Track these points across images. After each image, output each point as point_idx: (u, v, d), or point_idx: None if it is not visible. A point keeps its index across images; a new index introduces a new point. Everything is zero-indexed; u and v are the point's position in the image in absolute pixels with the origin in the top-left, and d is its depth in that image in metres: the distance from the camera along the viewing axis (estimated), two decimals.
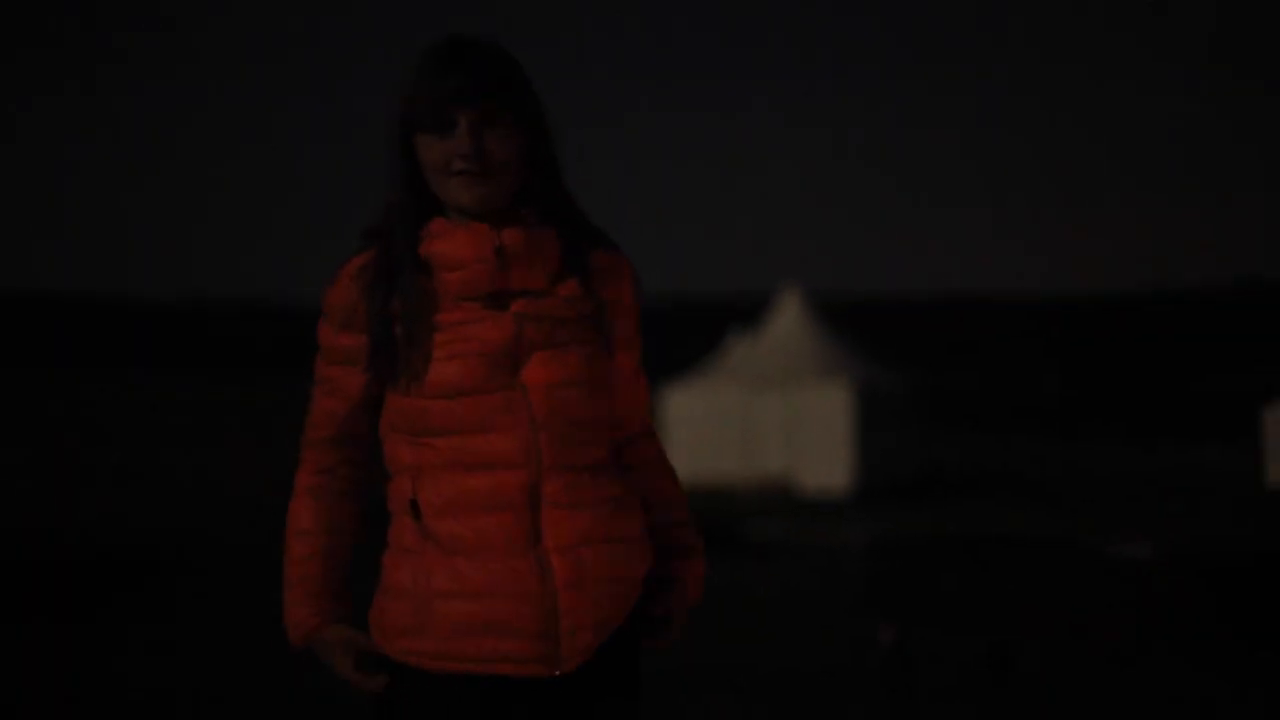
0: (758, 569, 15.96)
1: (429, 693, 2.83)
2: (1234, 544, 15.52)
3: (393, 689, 2.86)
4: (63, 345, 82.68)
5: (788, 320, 29.38)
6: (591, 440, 2.88)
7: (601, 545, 2.85)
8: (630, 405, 3.00)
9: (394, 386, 2.85)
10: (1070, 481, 30.50)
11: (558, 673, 2.82)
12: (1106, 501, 25.42)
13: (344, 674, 2.88)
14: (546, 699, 2.84)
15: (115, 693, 9.64)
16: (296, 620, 2.90)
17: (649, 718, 3.03)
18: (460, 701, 2.81)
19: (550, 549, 2.81)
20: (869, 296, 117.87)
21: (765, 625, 11.81)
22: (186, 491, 25.95)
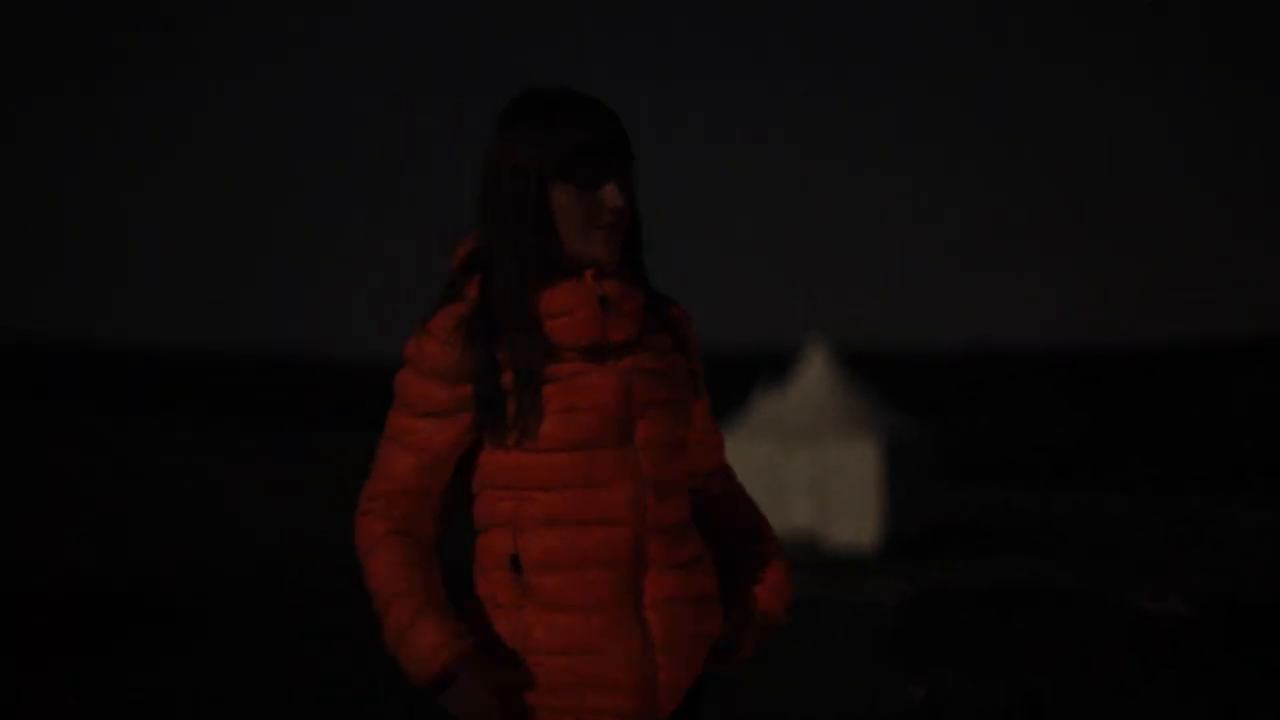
0: (787, 623, 15.89)
1: None
2: (1268, 597, 15.38)
3: None
4: (70, 385, 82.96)
5: (814, 374, 29.34)
6: (683, 497, 2.91)
7: (690, 603, 2.87)
8: (711, 449, 3.06)
9: (497, 440, 2.82)
10: (1101, 533, 30.36)
11: None
12: (1138, 553, 25.30)
13: (481, 706, 2.75)
14: None
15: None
16: (429, 651, 2.75)
17: None
18: None
19: (649, 606, 2.81)
20: (896, 348, 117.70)
21: (795, 678, 11.76)
22: (198, 528, 25.98)
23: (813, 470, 27.84)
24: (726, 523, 3.09)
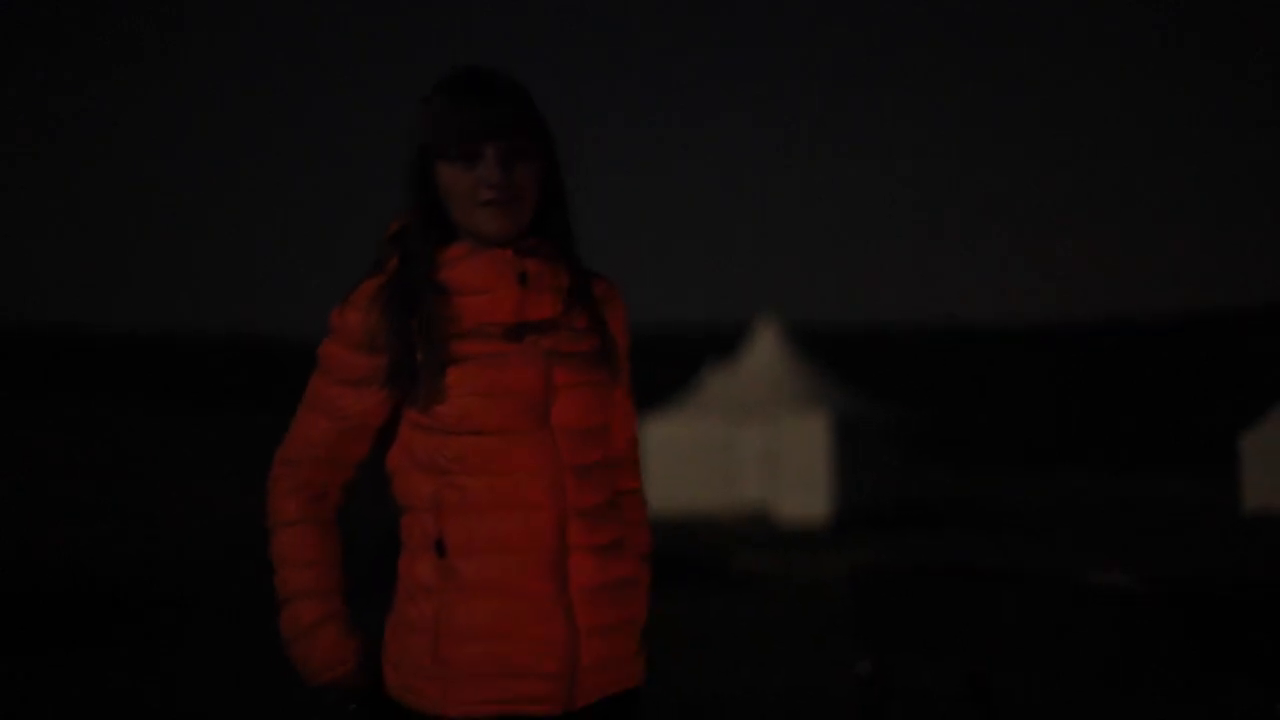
0: (737, 599, 15.94)
1: None
2: (1213, 572, 15.51)
3: None
4: (54, 376, 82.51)
5: (765, 351, 29.39)
6: (604, 480, 2.90)
7: (614, 587, 2.87)
8: (624, 435, 3.03)
9: (413, 416, 2.83)
10: (1050, 511, 30.54)
11: (562, 711, 2.83)
12: (1086, 531, 25.46)
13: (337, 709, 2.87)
14: None
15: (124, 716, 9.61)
16: (323, 662, 2.86)
17: None
18: None
19: (574, 591, 2.81)
20: (846, 327, 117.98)
21: (744, 654, 11.80)
22: (183, 522, 25.89)
23: (763, 445, 27.90)
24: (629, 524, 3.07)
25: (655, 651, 3.05)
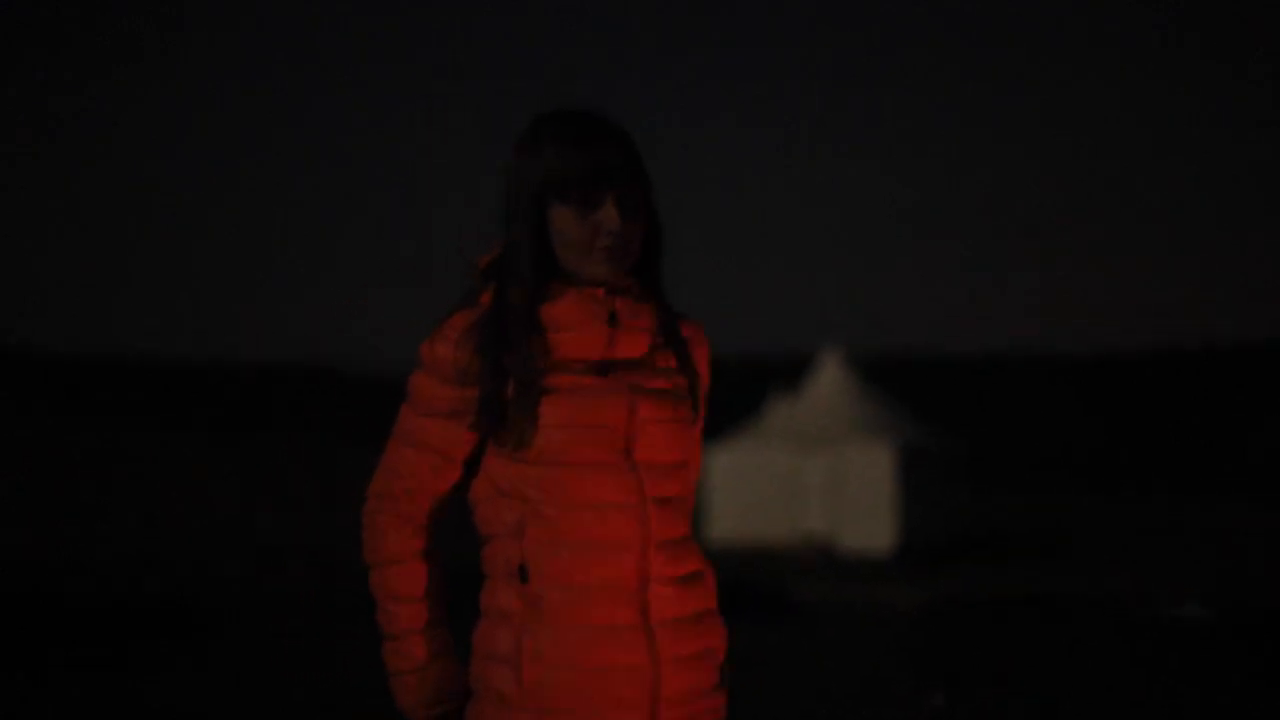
0: (801, 630, 15.88)
1: None
2: None
3: None
4: (95, 398, 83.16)
5: (829, 381, 29.33)
6: (683, 514, 2.93)
7: (694, 619, 2.89)
8: (694, 477, 3.05)
9: (500, 448, 2.85)
10: (1119, 542, 30.31)
11: None
12: (1156, 559, 25.24)
13: None
14: None
15: None
16: (444, 693, 2.90)
17: None
18: None
19: (654, 622, 2.82)
20: (911, 356, 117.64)
21: (809, 686, 11.74)
22: (183, 523, 26.03)
23: (827, 475, 27.81)
24: None
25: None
